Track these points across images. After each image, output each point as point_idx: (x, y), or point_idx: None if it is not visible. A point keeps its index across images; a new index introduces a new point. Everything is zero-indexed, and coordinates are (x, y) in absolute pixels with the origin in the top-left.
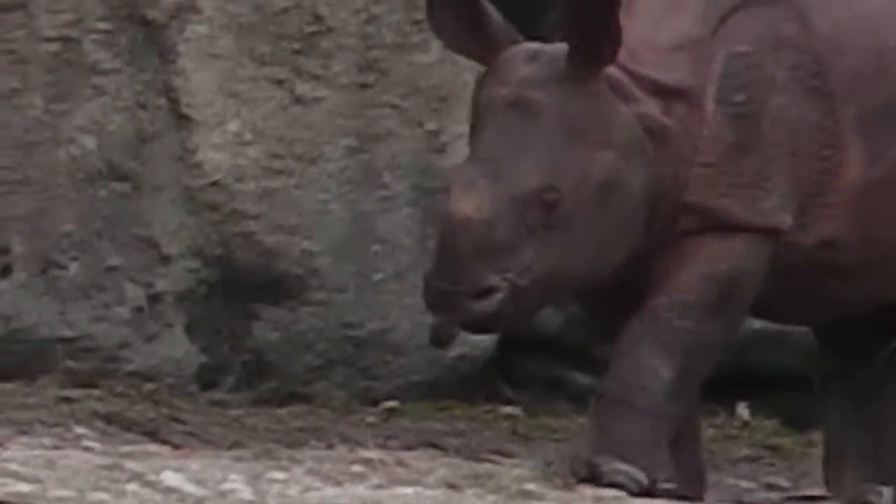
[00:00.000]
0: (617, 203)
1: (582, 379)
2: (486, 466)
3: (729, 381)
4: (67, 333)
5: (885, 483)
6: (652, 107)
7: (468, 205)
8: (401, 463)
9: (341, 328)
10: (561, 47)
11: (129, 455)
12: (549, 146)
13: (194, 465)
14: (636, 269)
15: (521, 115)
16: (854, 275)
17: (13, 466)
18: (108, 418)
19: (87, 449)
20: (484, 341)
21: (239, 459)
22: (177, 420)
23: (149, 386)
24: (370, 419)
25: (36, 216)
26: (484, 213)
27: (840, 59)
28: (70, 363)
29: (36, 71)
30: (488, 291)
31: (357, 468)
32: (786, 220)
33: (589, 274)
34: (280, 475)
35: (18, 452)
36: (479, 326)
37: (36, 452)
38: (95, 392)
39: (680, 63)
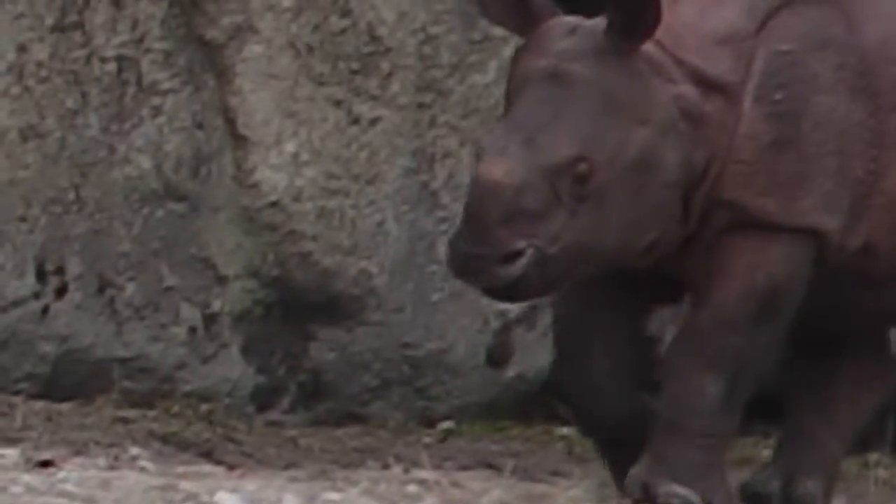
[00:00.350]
0: (650, 181)
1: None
2: (542, 487)
3: (783, 402)
4: (123, 354)
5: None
6: (690, 91)
7: (498, 169)
8: (456, 484)
9: (398, 348)
10: (600, 22)
11: (184, 475)
12: (585, 118)
13: (249, 485)
14: (673, 264)
15: (559, 86)
16: (883, 286)
17: (69, 487)
18: (163, 439)
19: (142, 469)
20: (541, 362)
21: (294, 480)
22: (232, 440)
23: (205, 406)
24: (426, 440)
25: (92, 236)
26: (514, 179)
27: (890, 68)
28: (126, 383)
29: (93, 91)
30: (514, 256)
31: (412, 489)
32: (826, 221)
33: (618, 250)
34: (335, 496)
35: (74, 473)
36: (503, 293)
37: (91, 473)
38: (151, 412)
39: (723, 56)
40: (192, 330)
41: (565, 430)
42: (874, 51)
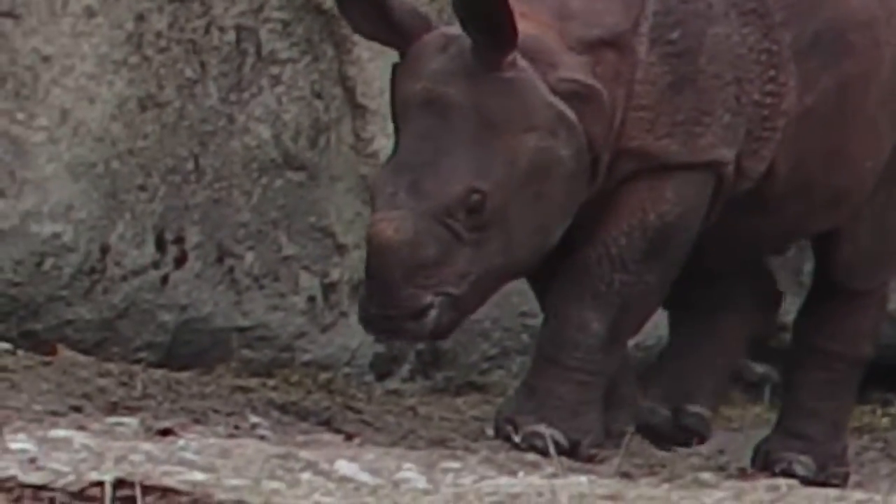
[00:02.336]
0: (549, 182)
1: (758, 368)
2: (661, 455)
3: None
4: (243, 323)
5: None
6: (576, 67)
7: (389, 226)
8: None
9: (517, 317)
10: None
11: (303, 444)
12: (468, 146)
13: (369, 454)
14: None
15: (436, 114)
16: (772, 209)
17: (188, 455)
18: (282, 408)
19: (261, 438)
20: (660, 330)
21: (413, 448)
22: (351, 409)
23: (324, 375)
24: None
25: (211, 206)
26: (406, 234)
27: None
28: (245, 352)
29: (212, 60)
30: (423, 311)
31: (531, 457)
32: (725, 154)
33: (532, 256)
34: (454, 464)
35: (193, 441)
36: (422, 342)
37: (211, 441)
38: (270, 381)
39: (611, 7)
40: (311, 299)
41: None
42: None
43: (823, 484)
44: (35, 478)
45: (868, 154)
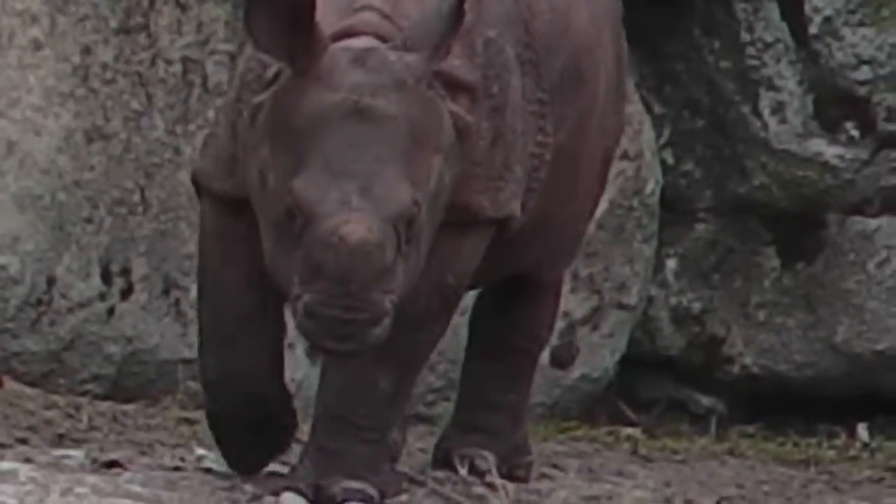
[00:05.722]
0: (437, 208)
1: (704, 400)
2: (607, 488)
3: (850, 402)
4: (189, 355)
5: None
6: (451, 103)
7: (361, 227)
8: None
9: (463, 350)
10: (383, 48)
11: (249, 476)
12: (402, 157)
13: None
14: None
15: (367, 124)
16: (515, 245)
17: (134, 487)
18: None
19: (207, 470)
20: (606, 363)
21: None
22: (298, 441)
23: None
24: None
25: (158, 238)
26: (376, 236)
27: (534, 23)
28: (191, 384)
29: (158, 93)
30: (382, 317)
31: (478, 490)
32: (517, 208)
33: (408, 290)
34: (401, 497)
35: (139, 474)
36: (360, 352)
37: (157, 473)
38: None
39: (458, 53)
40: None
41: (630, 431)
42: (525, 10)
43: (507, 476)
44: None
45: (590, 178)
